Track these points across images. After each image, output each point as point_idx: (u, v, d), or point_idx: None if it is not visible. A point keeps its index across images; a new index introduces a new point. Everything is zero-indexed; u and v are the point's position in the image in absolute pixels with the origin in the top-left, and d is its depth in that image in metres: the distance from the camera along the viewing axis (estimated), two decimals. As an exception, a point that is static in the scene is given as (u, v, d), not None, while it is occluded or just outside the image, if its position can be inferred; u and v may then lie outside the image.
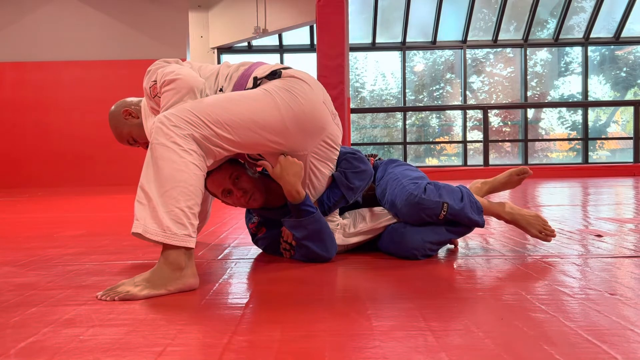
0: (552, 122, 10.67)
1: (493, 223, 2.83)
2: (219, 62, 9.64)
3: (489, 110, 9.15)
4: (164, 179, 1.45)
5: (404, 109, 9.94)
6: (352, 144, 9.60)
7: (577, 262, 1.76)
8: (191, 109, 1.54)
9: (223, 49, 9.66)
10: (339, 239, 1.91)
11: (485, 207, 1.96)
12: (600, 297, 1.31)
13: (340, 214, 1.99)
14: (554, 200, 4.17)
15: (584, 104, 9.95)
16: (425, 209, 1.80)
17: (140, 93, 1.76)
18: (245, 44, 9.69)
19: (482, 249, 2.04)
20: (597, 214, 3.16)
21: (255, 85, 1.69)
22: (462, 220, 1.85)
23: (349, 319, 1.20)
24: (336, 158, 1.86)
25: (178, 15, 7.72)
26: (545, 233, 1.97)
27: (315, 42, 9.04)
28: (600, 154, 10.40)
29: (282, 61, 9.79)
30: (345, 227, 1.94)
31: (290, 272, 1.70)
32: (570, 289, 1.40)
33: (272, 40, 9.70)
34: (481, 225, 1.90)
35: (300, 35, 9.68)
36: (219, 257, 1.96)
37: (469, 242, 2.20)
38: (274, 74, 1.70)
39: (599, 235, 2.28)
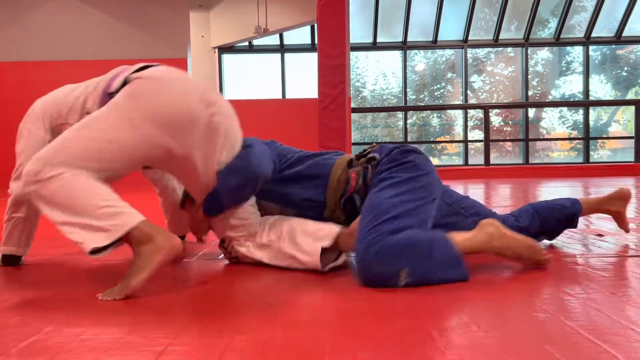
0: (553, 121, 10.67)
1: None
2: (220, 62, 9.65)
3: (490, 110, 9.14)
4: (68, 203, 1.41)
5: (405, 109, 9.94)
6: (353, 144, 9.61)
7: (579, 261, 1.76)
8: (53, 157, 1.45)
9: (224, 49, 9.66)
10: (248, 249, 1.76)
11: (466, 250, 1.54)
12: (601, 297, 1.31)
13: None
14: (555, 200, 4.16)
15: (585, 103, 9.94)
16: (376, 279, 1.45)
17: None
18: (247, 43, 9.69)
19: (483, 249, 2.04)
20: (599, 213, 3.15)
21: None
22: (431, 283, 1.46)
23: (350, 318, 1.20)
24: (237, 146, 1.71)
25: (179, 15, 7.72)
26: (539, 262, 1.63)
27: (316, 42, 9.04)
28: (601, 154, 10.40)
29: (283, 61, 9.80)
30: (257, 236, 1.76)
31: (290, 272, 1.70)
32: (571, 288, 1.40)
33: (273, 40, 9.70)
34: (460, 280, 1.49)
35: (301, 35, 9.68)
36: (219, 257, 1.96)
37: (470, 242, 2.20)
38: (125, 83, 1.60)
39: (600, 235, 2.28)
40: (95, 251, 1.38)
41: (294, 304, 1.32)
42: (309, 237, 1.66)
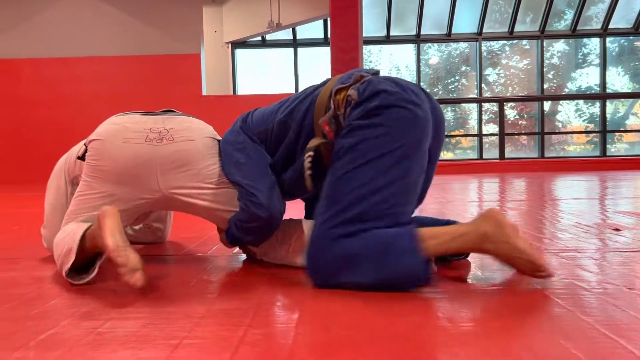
0: (569, 114, 10.54)
1: (509, 217, 2.81)
2: (233, 57, 9.67)
3: (504, 103, 9.06)
4: (56, 253, 1.57)
5: (419, 103, 9.87)
6: (367, 138, 9.57)
7: (595, 256, 1.74)
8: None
9: (237, 44, 9.67)
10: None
11: (447, 252, 1.37)
12: (618, 292, 1.30)
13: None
14: (571, 194, 4.12)
15: (602, 96, 9.80)
16: (323, 284, 1.38)
17: (152, 88, 1.76)
18: (259, 38, 9.70)
19: (497, 243, 2.03)
20: (615, 207, 3.12)
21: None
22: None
23: (365, 312, 1.20)
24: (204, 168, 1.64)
25: (192, 11, 7.75)
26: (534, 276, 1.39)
27: (329, 36, 9.02)
28: (618, 147, 10.25)
29: (295, 55, 9.79)
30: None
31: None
32: (587, 283, 1.39)
33: (286, 34, 9.70)
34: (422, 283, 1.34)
35: (314, 29, 9.66)
36: (234, 252, 1.97)
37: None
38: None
39: (617, 229, 2.25)
40: (73, 276, 1.49)
41: (308, 299, 1.32)
42: None
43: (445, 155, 10.18)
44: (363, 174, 1.35)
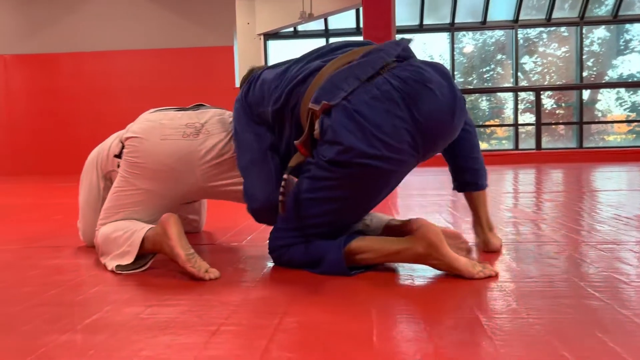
0: (609, 103, 10.22)
1: (546, 209, 2.77)
2: (265, 49, 9.71)
3: (541, 92, 8.84)
4: (103, 248, 1.68)
5: (453, 92, 9.72)
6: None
7: (635, 249, 1.70)
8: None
9: (269, 35, 9.72)
10: None
11: (390, 261, 1.49)
12: (658, 285, 1.27)
13: None
14: (611, 185, 4.01)
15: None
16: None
17: (185, 81, 1.79)
18: (291, 29, 9.71)
19: (533, 235, 2.00)
20: (657, 199, 3.02)
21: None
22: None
23: (397, 302, 1.21)
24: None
25: (225, 3, 7.80)
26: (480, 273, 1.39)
27: (361, 25, 8.95)
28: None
29: (328, 46, 9.77)
30: None
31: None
32: (626, 276, 1.36)
33: (317, 25, 9.68)
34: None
35: (346, 19, 9.61)
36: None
37: (520, 228, 2.16)
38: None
39: (659, 221, 2.19)
40: (122, 269, 1.56)
41: (342, 289, 1.34)
42: None
43: (480, 145, 10.02)
44: (315, 206, 1.46)
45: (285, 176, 1.47)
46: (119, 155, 1.77)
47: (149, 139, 1.67)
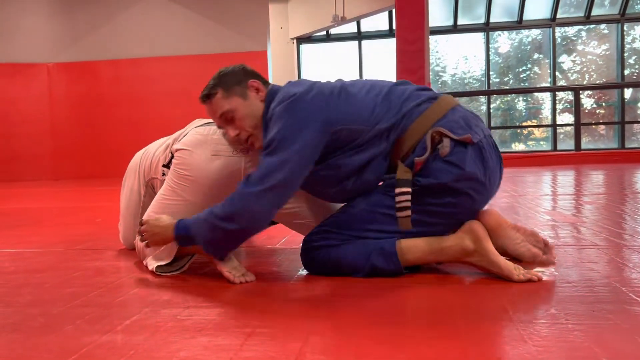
0: (653, 101, 9.87)
1: (586, 211, 2.69)
2: (298, 52, 9.77)
3: (581, 92, 8.61)
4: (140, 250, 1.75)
5: (488, 92, 9.58)
6: (433, 130, 9.40)
7: (680, 253, 1.64)
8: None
9: (302, 39, 9.77)
10: None
11: (426, 262, 1.48)
12: None
13: None
14: (655, 187, 3.87)
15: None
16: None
17: None
18: (324, 32, 9.74)
19: (573, 239, 1.95)
20: None
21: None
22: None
23: (433, 306, 1.20)
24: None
25: (259, 8, 7.89)
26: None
27: (394, 27, 8.91)
28: None
29: (360, 48, 9.76)
30: None
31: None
32: (671, 281, 1.32)
33: (350, 28, 9.68)
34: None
35: (378, 21, 9.59)
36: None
37: (559, 232, 2.11)
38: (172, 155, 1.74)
39: None
40: (162, 270, 1.61)
41: (378, 292, 1.34)
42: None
43: (516, 146, 9.83)
44: (388, 223, 1.48)
45: (409, 189, 1.44)
46: (167, 165, 1.79)
47: (200, 154, 1.67)
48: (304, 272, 1.58)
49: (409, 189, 1.43)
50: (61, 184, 6.75)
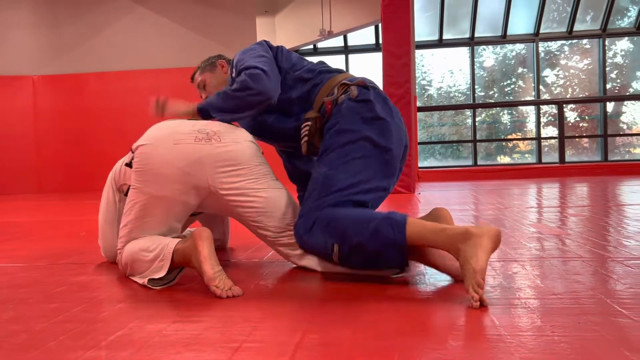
0: (634, 115, 10.03)
1: (570, 223, 2.72)
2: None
3: (564, 105, 8.73)
4: (131, 267, 1.71)
5: (473, 106, 9.68)
6: (419, 143, 9.50)
7: (663, 264, 1.66)
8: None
9: (289, 52, 9.81)
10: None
11: (423, 241, 1.47)
12: (689, 302, 1.24)
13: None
14: (638, 199, 3.93)
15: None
16: (313, 252, 1.68)
17: None
18: (311, 46, 9.80)
19: (558, 251, 1.97)
20: (687, 213, 2.95)
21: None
22: (367, 257, 1.53)
23: (417, 319, 1.20)
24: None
25: (246, 22, 7.92)
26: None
27: (380, 42, 8.98)
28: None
29: (347, 62, 9.83)
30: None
31: (357, 276, 1.72)
32: (655, 292, 1.33)
33: (337, 42, 9.75)
34: (398, 266, 1.56)
35: (365, 35, 9.67)
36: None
37: (545, 244, 2.13)
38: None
39: (688, 236, 2.14)
40: (155, 283, 1.60)
41: (363, 306, 1.34)
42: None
43: (502, 159, 9.91)
44: (348, 169, 1.66)
45: (309, 123, 1.78)
46: (130, 164, 1.79)
47: (162, 145, 1.67)
48: (290, 285, 1.58)
49: (309, 123, 1.76)
50: (46, 197, 6.67)
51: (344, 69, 2.14)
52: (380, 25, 6.75)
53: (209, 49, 7.94)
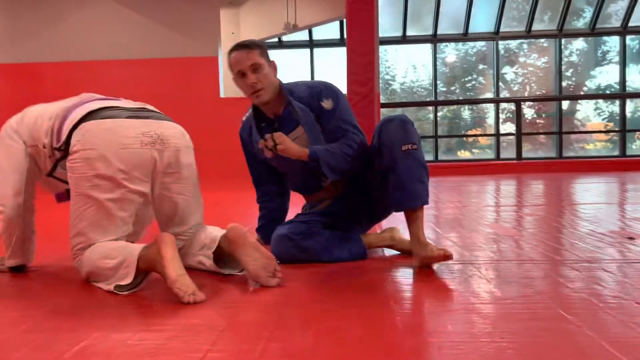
0: (588, 112, 10.42)
1: (526, 223, 2.83)
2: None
3: (522, 103, 8.99)
4: (92, 272, 1.72)
5: (435, 103, 9.86)
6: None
7: (608, 267, 1.76)
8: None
9: (254, 45, 9.74)
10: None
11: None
12: (629, 307, 1.33)
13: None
14: (589, 198, 4.11)
15: (621, 95, 9.69)
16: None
17: (171, 91, 1.86)
18: (276, 39, 9.76)
19: (512, 253, 2.06)
20: (634, 213, 3.11)
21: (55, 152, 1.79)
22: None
23: (380, 327, 1.25)
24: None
25: (210, 13, 7.83)
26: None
27: (345, 36, 9.01)
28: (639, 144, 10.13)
29: (312, 56, 9.84)
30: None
31: (320, 276, 1.76)
32: (598, 297, 1.42)
33: (302, 35, 9.75)
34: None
35: (330, 30, 9.70)
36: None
37: (500, 246, 2.22)
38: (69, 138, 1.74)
39: (631, 238, 2.27)
40: (122, 289, 1.60)
41: (325, 310, 1.38)
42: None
43: (462, 154, 10.15)
44: None
45: None
46: (58, 149, 1.76)
47: (109, 150, 1.67)
48: (255, 291, 1.60)
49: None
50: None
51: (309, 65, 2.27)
52: (345, 20, 6.79)
53: (171, 40, 7.82)
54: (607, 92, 10.03)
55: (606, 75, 10.07)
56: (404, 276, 1.76)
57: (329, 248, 1.96)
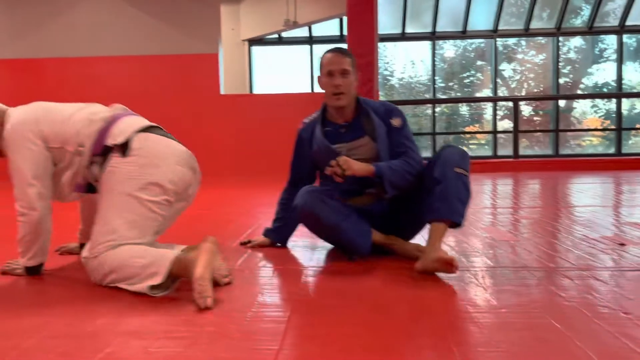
0: (585, 110, 10.52)
1: (521, 227, 2.91)
2: (249, 54, 9.79)
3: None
4: (120, 273, 1.78)
5: (433, 101, 9.93)
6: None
7: (599, 276, 1.84)
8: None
9: (254, 41, 9.79)
10: None
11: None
12: (613, 317, 1.41)
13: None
14: (584, 200, 4.20)
15: (617, 95, 9.79)
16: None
17: (171, 88, 1.92)
18: (276, 35, 9.80)
19: (507, 259, 2.14)
20: (629, 217, 3.19)
21: (104, 154, 1.86)
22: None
23: (379, 337, 1.33)
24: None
25: (210, 9, 7.86)
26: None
27: (344, 33, 9.07)
28: (636, 140, 10.23)
29: (311, 53, 9.88)
30: None
31: (328, 283, 1.84)
32: (588, 307, 1.50)
33: (302, 32, 9.79)
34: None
35: (329, 26, 9.74)
36: (260, 265, 2.11)
37: (497, 251, 2.30)
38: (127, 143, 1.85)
39: (622, 244, 2.35)
40: (154, 291, 1.69)
41: (333, 318, 1.46)
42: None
43: (459, 151, 10.22)
44: None
45: None
46: (100, 154, 1.86)
47: (165, 161, 1.86)
48: (263, 297, 1.68)
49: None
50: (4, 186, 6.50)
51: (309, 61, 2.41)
52: (345, 17, 6.83)
53: (171, 36, 7.86)
54: (604, 89, 10.12)
55: (603, 73, 10.16)
56: (405, 282, 1.83)
57: (345, 217, 2.07)
